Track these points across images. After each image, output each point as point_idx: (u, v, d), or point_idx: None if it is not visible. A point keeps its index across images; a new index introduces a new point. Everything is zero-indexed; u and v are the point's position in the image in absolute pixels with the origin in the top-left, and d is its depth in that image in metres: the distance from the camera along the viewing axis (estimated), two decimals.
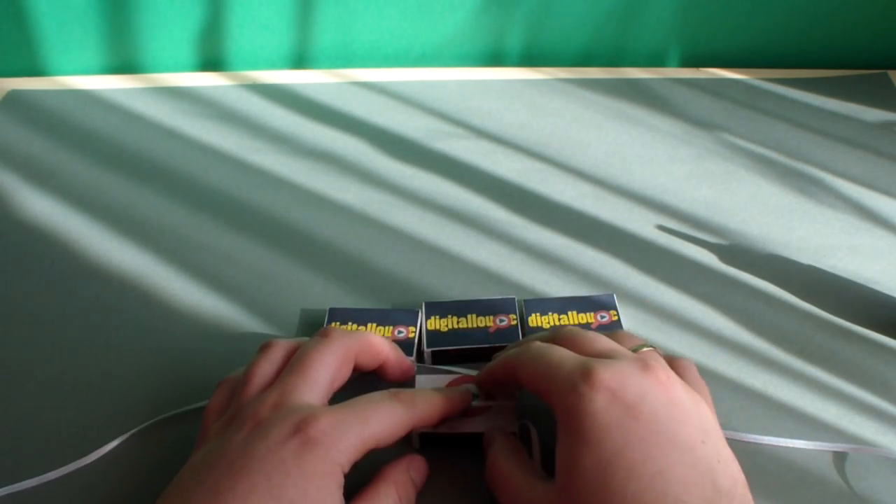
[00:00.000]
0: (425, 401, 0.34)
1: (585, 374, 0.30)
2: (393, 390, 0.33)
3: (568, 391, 0.30)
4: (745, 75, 0.64)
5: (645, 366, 0.31)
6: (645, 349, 0.34)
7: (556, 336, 0.35)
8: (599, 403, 0.29)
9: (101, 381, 0.40)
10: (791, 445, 0.37)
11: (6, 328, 0.43)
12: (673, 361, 0.34)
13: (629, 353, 0.33)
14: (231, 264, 0.47)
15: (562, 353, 0.32)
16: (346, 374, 0.34)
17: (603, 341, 0.34)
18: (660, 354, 0.34)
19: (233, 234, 0.49)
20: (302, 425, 0.29)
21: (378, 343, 0.36)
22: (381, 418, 0.31)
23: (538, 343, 0.34)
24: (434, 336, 0.41)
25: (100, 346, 0.42)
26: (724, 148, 0.56)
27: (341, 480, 0.29)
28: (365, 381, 0.37)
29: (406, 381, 0.39)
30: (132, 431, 0.38)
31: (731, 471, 0.29)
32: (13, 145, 0.57)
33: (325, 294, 0.45)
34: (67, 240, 0.49)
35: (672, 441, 0.29)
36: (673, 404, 0.30)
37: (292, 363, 0.33)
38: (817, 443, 0.37)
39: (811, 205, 0.51)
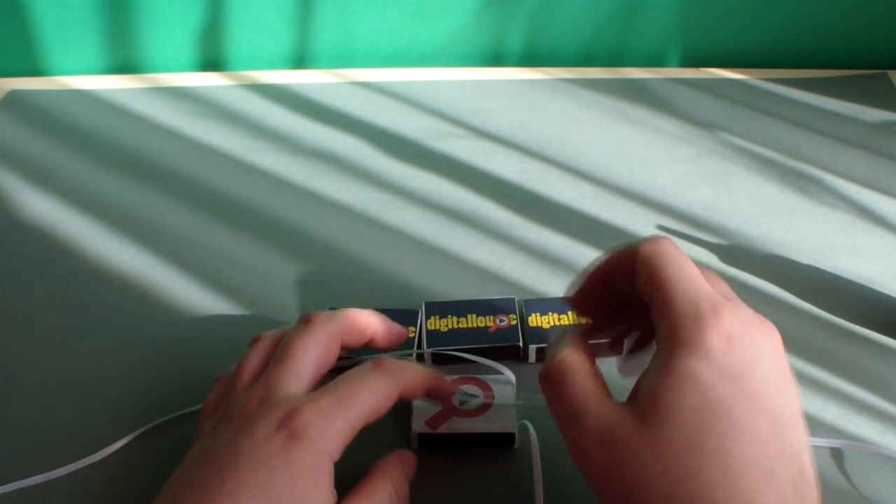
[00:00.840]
0: (412, 370, 0.33)
1: (714, 308, 0.28)
2: (377, 360, 0.33)
3: (690, 318, 0.28)
4: (745, 75, 0.64)
5: (767, 326, 0.29)
6: None
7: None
8: (719, 344, 0.27)
9: (101, 381, 0.40)
10: None
11: (6, 328, 0.43)
12: None
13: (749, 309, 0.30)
14: (231, 264, 0.47)
15: (693, 271, 0.30)
16: (332, 357, 0.34)
17: (728, 289, 0.32)
18: None
19: (233, 234, 0.49)
20: (286, 419, 0.29)
21: (363, 319, 0.36)
22: (365, 396, 0.31)
23: (670, 244, 0.31)
24: (434, 336, 0.41)
25: (100, 346, 0.42)
26: (724, 148, 0.56)
27: (331, 470, 0.29)
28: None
29: (401, 346, 0.38)
30: (141, 430, 0.38)
31: (811, 459, 0.28)
32: (13, 145, 0.57)
33: (325, 294, 0.45)
34: (67, 240, 0.49)
35: (773, 416, 0.27)
36: (783, 374, 0.28)
37: (276, 354, 0.33)
38: (813, 438, 0.37)
39: (811, 205, 0.51)
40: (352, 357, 0.39)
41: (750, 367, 0.27)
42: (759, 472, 0.26)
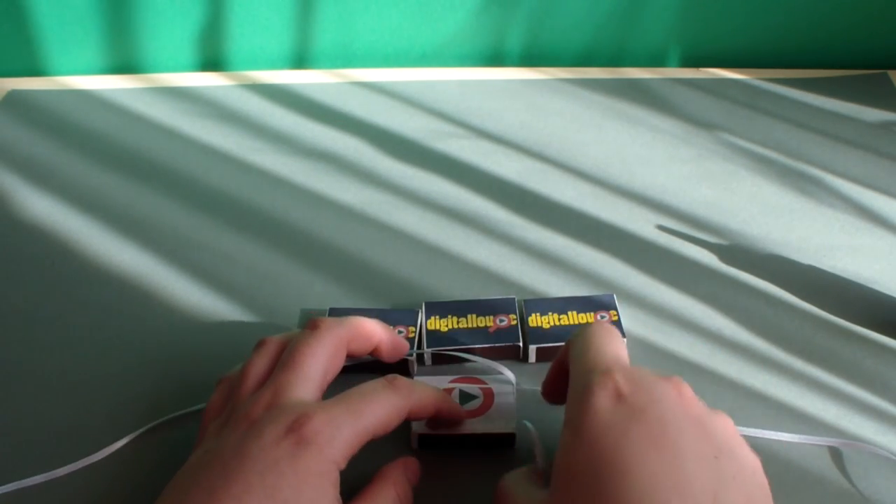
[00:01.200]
0: (422, 389, 0.33)
1: (604, 374, 0.29)
2: (389, 377, 0.33)
3: (581, 386, 0.29)
4: (745, 75, 0.64)
5: (672, 381, 0.29)
6: None
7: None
8: (605, 403, 0.28)
9: (101, 381, 0.40)
10: (781, 439, 0.37)
11: (6, 328, 0.43)
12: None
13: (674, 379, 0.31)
14: (231, 264, 0.47)
15: (604, 348, 0.31)
16: (338, 363, 0.34)
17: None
18: None
19: (233, 234, 0.49)
20: (295, 425, 0.29)
21: (369, 327, 0.36)
22: (375, 409, 0.31)
23: (595, 325, 0.33)
24: (434, 336, 0.41)
25: (100, 345, 0.42)
26: (724, 148, 0.56)
27: (337, 478, 0.29)
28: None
29: (403, 362, 0.39)
30: (141, 430, 0.38)
31: (747, 493, 0.27)
32: (13, 145, 0.57)
33: (325, 294, 0.45)
34: (67, 240, 0.49)
35: (676, 447, 0.27)
36: (688, 417, 0.28)
37: (283, 359, 0.33)
38: (809, 437, 0.37)
39: (811, 205, 0.51)
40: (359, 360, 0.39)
41: (640, 411, 0.28)
42: None
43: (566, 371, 0.33)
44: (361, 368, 0.40)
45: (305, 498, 0.28)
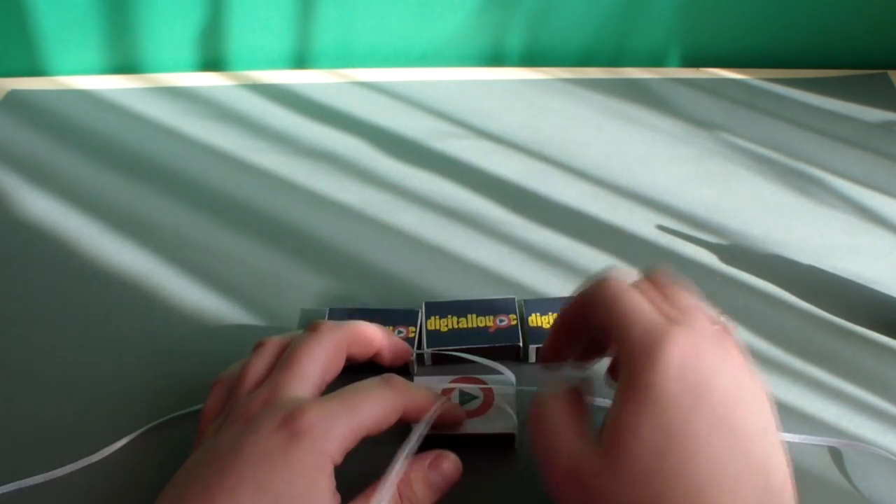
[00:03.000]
0: (420, 391, 0.33)
1: (662, 337, 0.29)
2: (386, 375, 0.33)
3: (640, 351, 0.29)
4: (745, 75, 0.64)
5: (722, 339, 0.30)
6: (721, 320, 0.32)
7: (645, 278, 0.33)
8: (671, 372, 0.28)
9: (101, 381, 0.40)
10: (781, 438, 0.37)
11: (6, 328, 0.43)
12: None
13: (709, 318, 0.31)
14: (231, 264, 0.47)
15: (640, 303, 0.31)
16: (338, 366, 0.34)
17: (687, 299, 0.32)
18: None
19: (233, 234, 0.49)
20: (289, 419, 0.29)
21: (370, 332, 0.36)
22: (371, 405, 0.31)
23: (615, 282, 0.32)
24: (434, 336, 0.41)
25: (100, 345, 0.42)
26: (724, 148, 0.56)
27: (331, 471, 0.29)
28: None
29: (404, 365, 0.39)
30: (141, 430, 0.38)
31: (783, 468, 0.28)
32: (13, 145, 0.57)
33: (325, 294, 0.45)
34: (67, 240, 0.49)
35: (734, 428, 0.27)
36: (742, 386, 0.29)
37: (282, 359, 0.33)
38: (809, 436, 0.37)
39: (811, 205, 0.51)
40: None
41: (705, 385, 0.28)
42: (720, 488, 0.26)
43: (576, 328, 0.34)
44: (363, 370, 0.40)
45: (298, 490, 0.28)
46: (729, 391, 0.28)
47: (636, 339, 0.29)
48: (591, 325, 0.33)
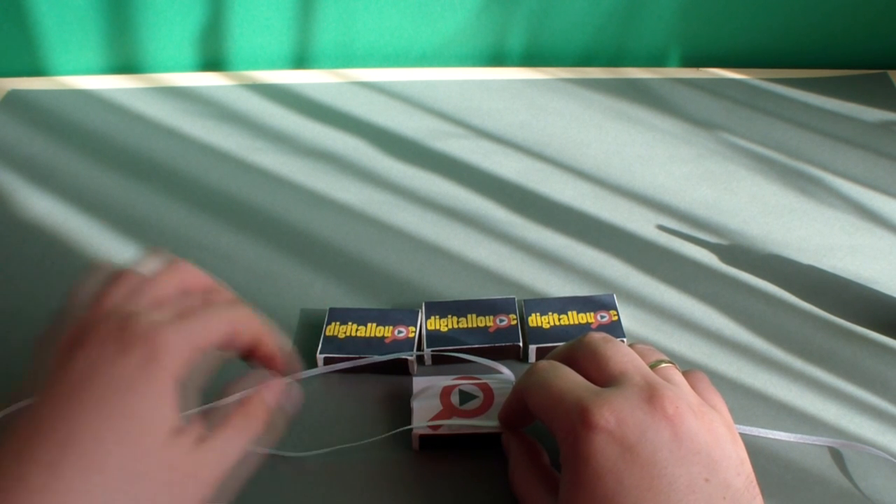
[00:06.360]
0: (250, 314, 0.34)
1: (584, 413, 0.29)
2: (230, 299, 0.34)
3: (567, 430, 0.30)
4: (745, 75, 0.64)
5: (652, 396, 0.30)
6: (663, 366, 0.33)
7: (574, 350, 0.34)
8: (596, 445, 0.29)
9: None
10: (781, 438, 0.37)
11: (6, 328, 0.43)
12: (685, 374, 0.33)
13: (643, 374, 0.31)
14: (231, 264, 0.47)
15: (565, 383, 0.32)
16: (187, 288, 0.35)
17: (617, 361, 0.32)
18: (678, 370, 0.33)
19: (233, 234, 0.49)
20: (135, 339, 0.30)
21: (248, 314, 0.36)
22: (207, 321, 0.32)
23: (545, 366, 0.33)
24: (434, 336, 0.41)
25: None
26: (724, 148, 0.56)
27: (175, 388, 0.30)
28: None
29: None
30: None
31: (740, 502, 0.28)
32: (13, 145, 0.57)
33: (325, 294, 0.45)
34: (67, 240, 0.49)
35: (670, 484, 0.28)
36: (678, 440, 0.29)
37: (135, 285, 0.34)
38: (809, 436, 0.37)
39: (811, 205, 0.51)
40: (363, 357, 0.39)
41: (634, 450, 0.29)
42: None
43: (522, 416, 0.35)
44: (362, 369, 0.40)
45: (138, 411, 0.29)
46: (659, 451, 0.29)
47: (563, 420, 0.30)
48: (531, 413, 0.33)
